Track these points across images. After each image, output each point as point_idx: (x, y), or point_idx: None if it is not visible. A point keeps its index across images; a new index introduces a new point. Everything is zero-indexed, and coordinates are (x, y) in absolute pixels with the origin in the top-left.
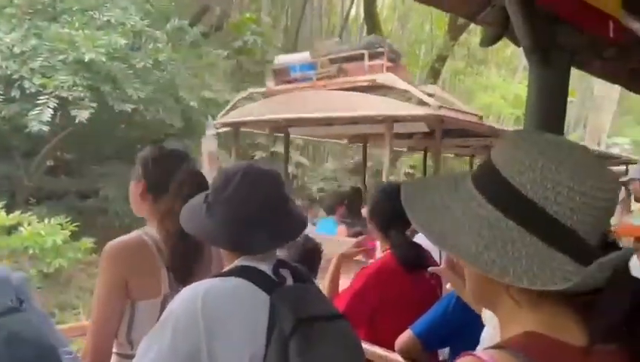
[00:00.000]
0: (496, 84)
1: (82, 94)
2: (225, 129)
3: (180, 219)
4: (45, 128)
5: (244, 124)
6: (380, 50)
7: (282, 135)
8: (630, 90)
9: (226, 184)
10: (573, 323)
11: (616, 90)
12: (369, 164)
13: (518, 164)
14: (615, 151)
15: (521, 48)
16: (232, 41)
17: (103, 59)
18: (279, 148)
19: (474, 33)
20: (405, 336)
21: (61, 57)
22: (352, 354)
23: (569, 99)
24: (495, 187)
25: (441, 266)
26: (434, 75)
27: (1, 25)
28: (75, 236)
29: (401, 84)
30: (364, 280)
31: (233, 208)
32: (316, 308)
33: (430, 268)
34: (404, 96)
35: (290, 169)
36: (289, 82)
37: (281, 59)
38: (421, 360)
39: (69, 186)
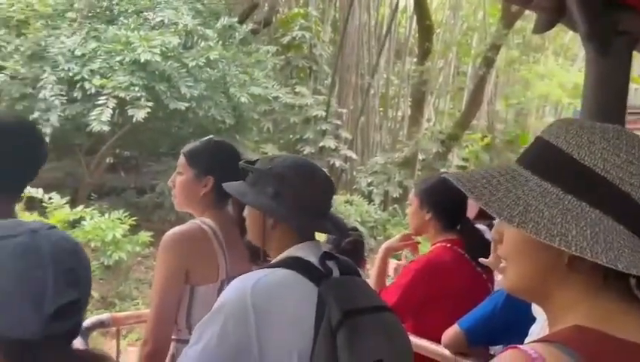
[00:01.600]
0: (554, 72)
1: (139, 94)
2: None
3: (239, 197)
4: (105, 127)
5: None
6: None
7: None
8: None
9: (293, 172)
10: (635, 319)
11: None
12: (420, 157)
13: (599, 149)
14: None
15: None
16: (281, 36)
17: (158, 59)
18: (327, 142)
19: (529, 20)
20: (452, 331)
21: (118, 58)
22: (400, 345)
23: (633, 86)
24: (566, 170)
25: (490, 258)
26: (487, 64)
27: (62, 29)
28: (133, 230)
29: None
30: (412, 274)
31: (301, 195)
32: (363, 300)
33: (480, 259)
34: None
35: (338, 163)
36: None
37: None
38: (469, 354)
39: (127, 182)
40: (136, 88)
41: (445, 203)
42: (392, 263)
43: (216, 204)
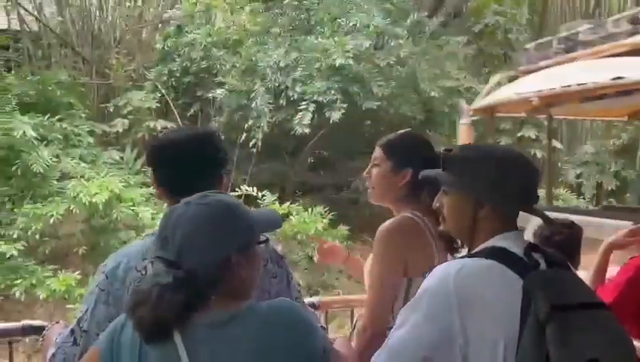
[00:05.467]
0: None
1: (335, 97)
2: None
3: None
4: (306, 130)
5: (499, 107)
6: None
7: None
8: None
9: (503, 159)
10: None
11: None
12: None
13: None
14: None
15: None
16: (472, 25)
17: (351, 62)
18: (526, 132)
19: None
20: None
21: (316, 65)
22: (620, 347)
23: None
24: None
25: None
26: None
27: (269, 44)
28: (332, 224)
29: None
30: (633, 272)
31: (513, 182)
32: (574, 296)
33: None
34: None
35: (540, 154)
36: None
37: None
38: None
39: (326, 180)
40: (332, 92)
41: None
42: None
43: (413, 196)
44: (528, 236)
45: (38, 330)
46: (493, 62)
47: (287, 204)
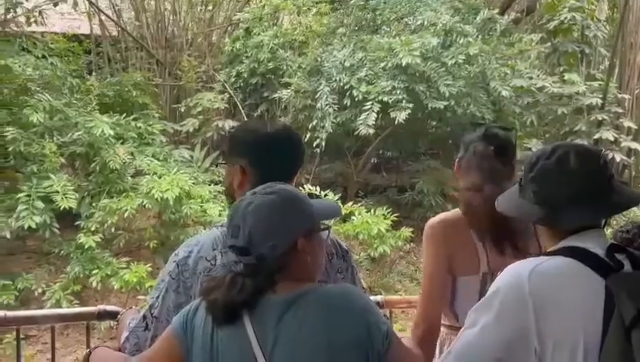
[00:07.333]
0: None
1: (400, 97)
2: None
3: (497, 199)
4: (371, 130)
5: None
6: None
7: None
8: None
9: (533, 164)
10: None
11: None
12: None
13: None
14: None
15: None
16: (546, 22)
17: (418, 61)
18: (605, 134)
19: None
20: None
21: (382, 65)
22: None
23: None
24: None
25: None
26: None
27: (334, 44)
28: (395, 225)
29: None
30: None
31: (540, 186)
32: None
33: None
34: None
35: (619, 158)
36: None
37: None
38: None
39: (389, 181)
40: (398, 91)
41: None
42: None
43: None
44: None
45: (113, 315)
46: (569, 61)
47: (350, 204)
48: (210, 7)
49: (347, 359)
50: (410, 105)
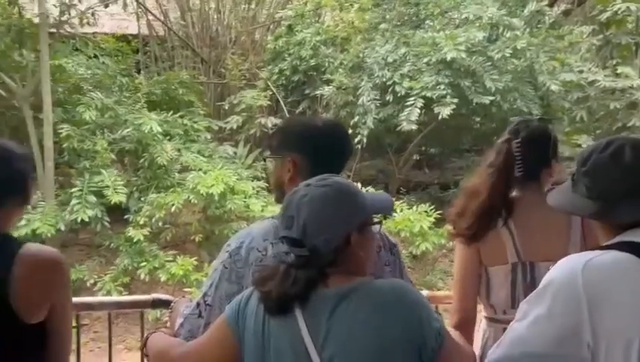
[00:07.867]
0: None
1: (444, 92)
2: None
3: (549, 194)
4: (413, 126)
5: None
6: None
7: None
8: None
9: (586, 158)
10: None
11: None
12: None
13: None
14: None
15: None
16: (598, 14)
17: (463, 55)
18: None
19: None
20: None
21: (425, 60)
22: None
23: None
24: None
25: None
26: None
27: (377, 40)
28: (437, 223)
29: None
30: None
31: (593, 180)
32: None
33: None
34: None
35: None
36: None
37: None
38: None
39: (431, 178)
40: (442, 86)
41: None
42: None
43: (522, 183)
44: None
45: (166, 303)
46: (623, 53)
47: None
48: (253, 6)
49: (398, 354)
50: (455, 101)
